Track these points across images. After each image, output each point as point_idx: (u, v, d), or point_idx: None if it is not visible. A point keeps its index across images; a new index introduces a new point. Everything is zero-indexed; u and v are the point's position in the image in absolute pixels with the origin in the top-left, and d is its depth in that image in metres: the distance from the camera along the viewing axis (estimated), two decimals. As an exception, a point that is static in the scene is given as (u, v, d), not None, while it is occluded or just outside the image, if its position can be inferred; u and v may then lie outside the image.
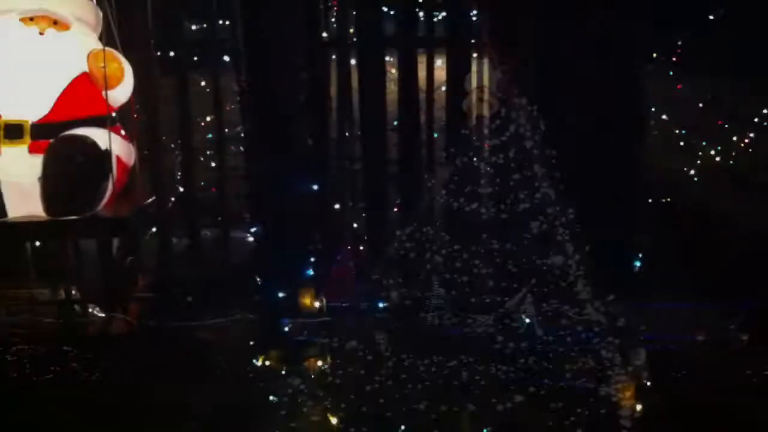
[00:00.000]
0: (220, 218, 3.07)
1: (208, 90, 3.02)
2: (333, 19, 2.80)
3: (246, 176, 2.91)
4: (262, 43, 2.45)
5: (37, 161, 2.05)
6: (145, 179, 2.69)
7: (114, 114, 2.24)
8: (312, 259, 2.57)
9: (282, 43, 2.44)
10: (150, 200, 2.49)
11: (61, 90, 2.10)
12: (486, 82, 2.66)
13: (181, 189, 2.90)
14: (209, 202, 3.16)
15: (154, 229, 3.06)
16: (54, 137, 2.05)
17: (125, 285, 2.93)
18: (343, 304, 2.60)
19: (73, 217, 2.13)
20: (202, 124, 3.22)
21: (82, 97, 2.12)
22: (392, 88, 2.76)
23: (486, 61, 2.75)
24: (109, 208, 2.20)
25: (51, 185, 2.05)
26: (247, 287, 2.77)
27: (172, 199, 2.93)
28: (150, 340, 2.79)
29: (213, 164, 3.22)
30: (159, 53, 2.73)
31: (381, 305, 2.60)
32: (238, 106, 2.87)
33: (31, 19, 2.11)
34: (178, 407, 2.31)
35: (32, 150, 2.05)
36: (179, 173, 2.93)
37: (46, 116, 2.07)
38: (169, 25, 2.75)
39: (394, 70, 2.78)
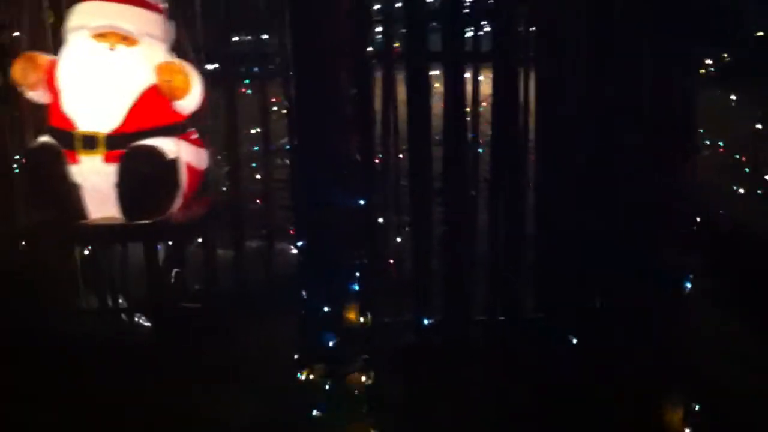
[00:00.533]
0: (264, 230, 3.07)
1: (255, 102, 3.04)
2: (379, 34, 2.79)
3: (291, 189, 2.92)
4: (309, 56, 2.46)
5: (111, 169, 2.17)
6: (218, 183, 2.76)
7: (186, 121, 2.31)
8: (356, 274, 2.57)
9: (328, 56, 2.45)
10: (221, 203, 2.56)
11: (131, 103, 2.20)
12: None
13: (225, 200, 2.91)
14: (255, 214, 3.17)
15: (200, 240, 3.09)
16: (126, 147, 2.17)
17: (171, 295, 2.98)
18: (387, 320, 2.61)
19: (147, 221, 2.26)
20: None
21: (151, 108, 2.22)
22: (437, 103, 2.76)
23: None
24: (182, 213, 2.28)
25: (125, 192, 2.19)
26: (291, 300, 2.78)
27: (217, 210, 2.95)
28: (193, 350, 2.83)
29: (258, 176, 3.24)
30: (207, 65, 2.76)
31: (426, 321, 2.61)
32: (284, 119, 2.90)
33: (102, 35, 2.20)
34: (218, 420, 2.33)
35: (107, 159, 2.18)
36: (225, 184, 2.95)
37: (118, 128, 2.18)
38: (216, 38, 2.78)
39: (438, 85, 2.78)
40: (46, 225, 2.31)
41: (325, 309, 2.48)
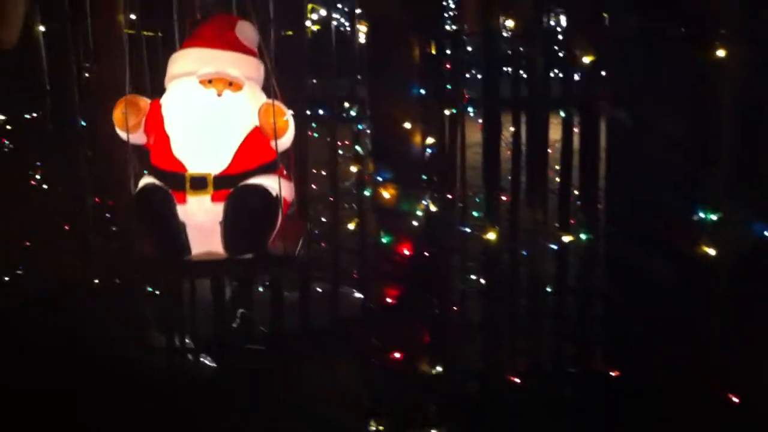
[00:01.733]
0: (330, 273, 3.07)
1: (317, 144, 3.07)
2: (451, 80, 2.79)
3: (359, 233, 2.92)
4: (383, 99, 2.47)
5: (218, 208, 2.22)
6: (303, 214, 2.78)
7: (278, 157, 2.37)
8: (424, 321, 2.54)
9: (400, 101, 2.46)
10: (304, 233, 2.59)
11: (238, 145, 2.25)
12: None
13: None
14: (320, 256, 3.18)
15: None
16: (232, 187, 2.22)
17: (236, 336, 2.99)
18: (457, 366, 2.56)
19: (248, 256, 2.29)
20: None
21: (255, 148, 2.28)
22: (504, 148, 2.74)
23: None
24: (274, 245, 2.33)
25: (231, 229, 2.23)
26: (357, 345, 2.76)
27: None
28: (257, 392, 2.82)
29: (323, 219, 3.25)
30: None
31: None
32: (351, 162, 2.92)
33: (210, 81, 2.26)
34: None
35: (214, 199, 2.22)
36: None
37: (225, 169, 2.24)
38: (292, 80, 2.83)
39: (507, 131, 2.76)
40: (152, 261, 2.36)
41: (397, 356, 2.44)
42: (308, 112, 2.90)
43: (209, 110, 2.26)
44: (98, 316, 3.05)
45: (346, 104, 2.96)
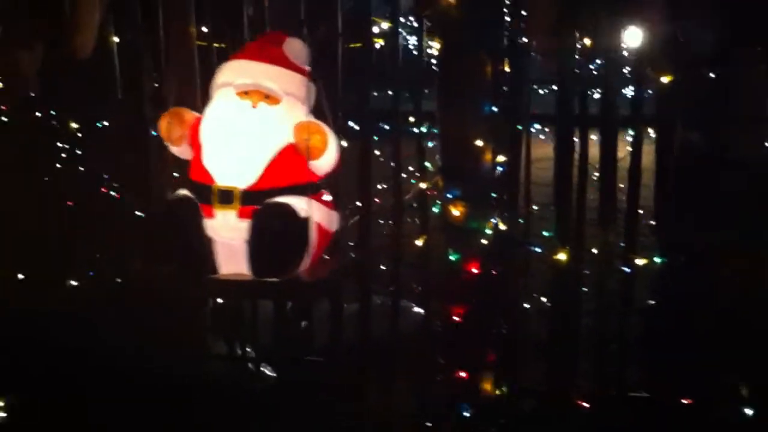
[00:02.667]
0: (390, 287, 3.05)
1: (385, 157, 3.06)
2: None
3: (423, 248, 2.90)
4: (454, 115, 2.46)
5: (244, 225, 2.18)
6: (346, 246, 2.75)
7: (319, 182, 2.33)
8: (489, 340, 2.51)
9: (472, 118, 2.44)
10: (345, 265, 2.55)
11: (269, 160, 2.22)
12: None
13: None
14: (380, 269, 3.16)
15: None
16: (260, 204, 2.17)
17: (297, 347, 3.00)
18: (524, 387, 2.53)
19: (275, 279, 2.24)
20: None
21: (287, 166, 2.24)
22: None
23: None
24: (309, 272, 2.27)
25: (255, 249, 2.18)
26: (416, 361, 2.74)
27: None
28: (316, 404, 2.82)
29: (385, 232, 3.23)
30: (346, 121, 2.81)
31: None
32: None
33: (246, 93, 2.24)
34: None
35: (241, 215, 2.18)
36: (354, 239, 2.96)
37: (254, 184, 2.20)
38: (353, 95, 2.84)
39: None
40: (177, 276, 2.32)
41: (462, 375, 2.41)
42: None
43: (242, 122, 2.23)
44: (161, 322, 3.10)
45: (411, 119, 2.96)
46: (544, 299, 2.75)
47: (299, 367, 3.02)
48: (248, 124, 2.22)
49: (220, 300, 3.07)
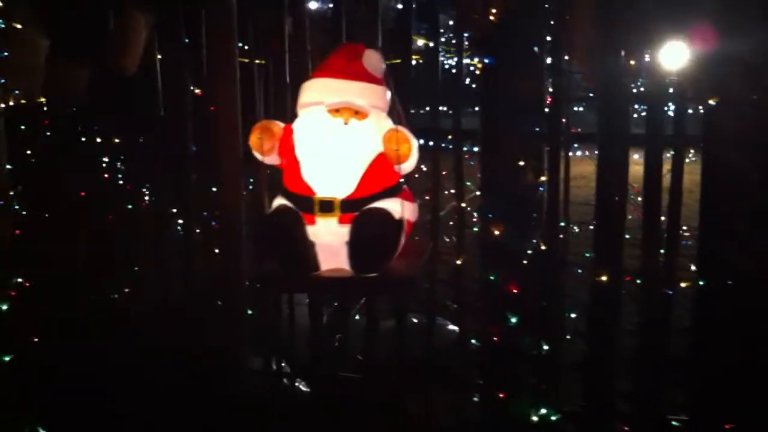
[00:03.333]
0: (426, 305, 3.05)
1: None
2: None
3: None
4: (496, 134, 2.46)
5: (344, 230, 2.33)
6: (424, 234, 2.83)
7: (401, 179, 2.45)
8: (528, 360, 2.49)
9: (514, 137, 2.44)
10: (426, 253, 2.64)
11: (363, 171, 2.36)
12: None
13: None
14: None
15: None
16: (358, 210, 2.33)
17: (332, 362, 3.01)
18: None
19: (372, 275, 2.38)
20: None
21: (379, 173, 2.38)
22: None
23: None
24: (397, 264, 2.41)
25: (356, 250, 2.34)
26: (449, 378, 2.73)
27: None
28: (350, 420, 2.82)
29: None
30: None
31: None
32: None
33: (337, 110, 2.36)
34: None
35: (341, 221, 2.33)
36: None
37: (351, 194, 2.34)
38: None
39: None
40: (281, 276, 2.47)
41: (500, 396, 2.39)
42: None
43: (336, 138, 2.38)
44: (199, 336, 3.14)
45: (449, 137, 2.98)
46: (582, 319, 2.72)
47: (334, 382, 3.03)
48: (342, 140, 2.38)
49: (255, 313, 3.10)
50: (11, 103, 2.60)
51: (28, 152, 2.76)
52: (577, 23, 2.54)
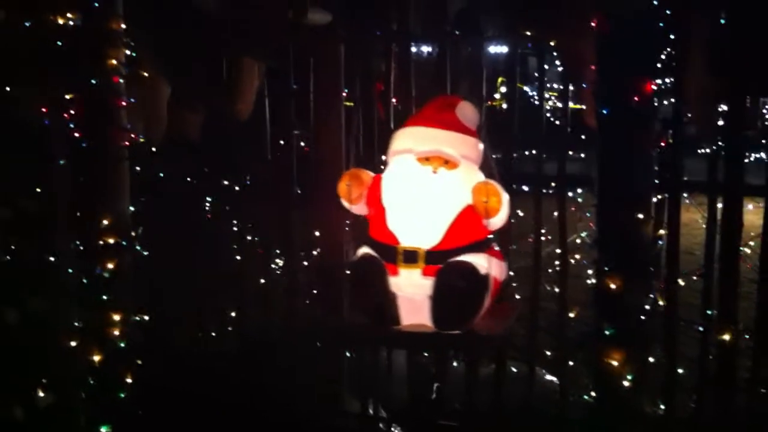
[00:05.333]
0: (527, 354, 2.98)
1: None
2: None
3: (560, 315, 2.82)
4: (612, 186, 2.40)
5: (427, 282, 2.28)
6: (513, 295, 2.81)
7: (491, 236, 2.41)
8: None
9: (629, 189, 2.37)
10: (514, 315, 2.59)
11: (450, 222, 2.31)
12: None
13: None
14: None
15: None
16: (442, 263, 2.27)
17: (432, 411, 2.98)
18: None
19: (455, 332, 2.33)
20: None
21: (467, 226, 2.32)
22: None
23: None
24: (483, 323, 2.35)
25: (439, 304, 2.28)
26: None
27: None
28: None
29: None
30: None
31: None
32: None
33: (427, 159, 2.34)
34: None
35: (425, 273, 2.28)
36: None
37: (436, 245, 2.29)
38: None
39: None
40: (363, 328, 2.44)
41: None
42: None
43: (424, 187, 2.33)
44: (294, 377, 3.17)
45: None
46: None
47: (431, 430, 2.98)
48: (431, 189, 2.33)
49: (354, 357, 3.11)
50: (135, 146, 2.75)
51: (148, 193, 2.90)
52: (691, 72, 2.48)
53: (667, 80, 2.53)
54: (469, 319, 2.32)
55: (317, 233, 3.22)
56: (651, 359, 2.47)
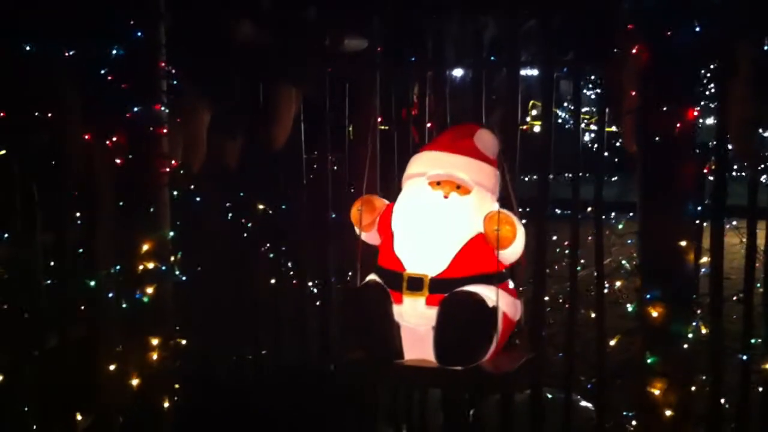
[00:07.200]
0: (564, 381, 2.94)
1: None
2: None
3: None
4: (658, 215, 2.39)
5: (431, 312, 2.18)
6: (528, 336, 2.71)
7: (505, 271, 2.31)
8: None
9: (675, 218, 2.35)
10: (530, 357, 2.46)
11: (458, 249, 2.22)
12: None
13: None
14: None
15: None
16: (447, 292, 2.18)
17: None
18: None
19: (459, 368, 2.21)
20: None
21: (476, 255, 2.23)
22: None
23: None
24: (492, 362, 2.24)
25: (442, 336, 2.17)
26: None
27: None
28: None
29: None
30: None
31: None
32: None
33: (438, 183, 2.28)
34: None
35: (429, 302, 2.19)
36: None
37: (442, 272, 2.21)
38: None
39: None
40: (363, 360, 2.33)
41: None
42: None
43: (432, 210, 2.25)
44: (325, 403, 3.16)
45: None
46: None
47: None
48: (440, 213, 2.25)
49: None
50: (175, 172, 2.79)
51: (186, 220, 2.93)
52: (733, 99, 2.46)
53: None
54: (473, 355, 2.19)
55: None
56: (693, 388, 2.42)
